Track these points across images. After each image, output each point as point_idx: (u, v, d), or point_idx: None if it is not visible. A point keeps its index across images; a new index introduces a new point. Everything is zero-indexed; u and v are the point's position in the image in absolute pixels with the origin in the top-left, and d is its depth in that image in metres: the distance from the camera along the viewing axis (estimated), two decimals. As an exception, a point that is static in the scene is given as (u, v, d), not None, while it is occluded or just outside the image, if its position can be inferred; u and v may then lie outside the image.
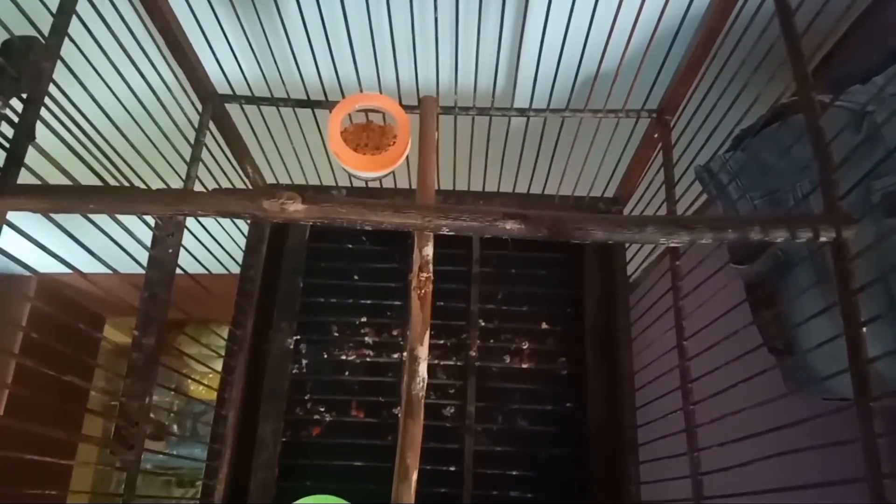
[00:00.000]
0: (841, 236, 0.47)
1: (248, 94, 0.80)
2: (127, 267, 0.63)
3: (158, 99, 0.70)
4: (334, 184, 0.95)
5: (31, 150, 0.51)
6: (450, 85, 0.81)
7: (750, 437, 0.54)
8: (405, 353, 0.58)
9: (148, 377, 0.63)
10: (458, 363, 0.89)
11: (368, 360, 0.90)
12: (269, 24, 0.74)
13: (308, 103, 0.80)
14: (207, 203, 0.48)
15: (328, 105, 0.78)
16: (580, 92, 0.79)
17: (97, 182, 0.61)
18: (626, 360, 0.86)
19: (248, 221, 0.94)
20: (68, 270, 0.56)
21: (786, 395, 0.54)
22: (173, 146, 0.74)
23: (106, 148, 0.64)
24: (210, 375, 1.48)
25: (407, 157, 0.74)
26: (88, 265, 0.58)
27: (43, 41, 0.53)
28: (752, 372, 0.57)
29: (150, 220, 0.66)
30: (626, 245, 0.94)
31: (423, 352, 0.51)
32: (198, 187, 0.75)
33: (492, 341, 0.91)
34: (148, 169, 0.70)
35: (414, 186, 0.66)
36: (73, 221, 0.54)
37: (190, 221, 0.73)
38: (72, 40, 0.56)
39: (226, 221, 0.87)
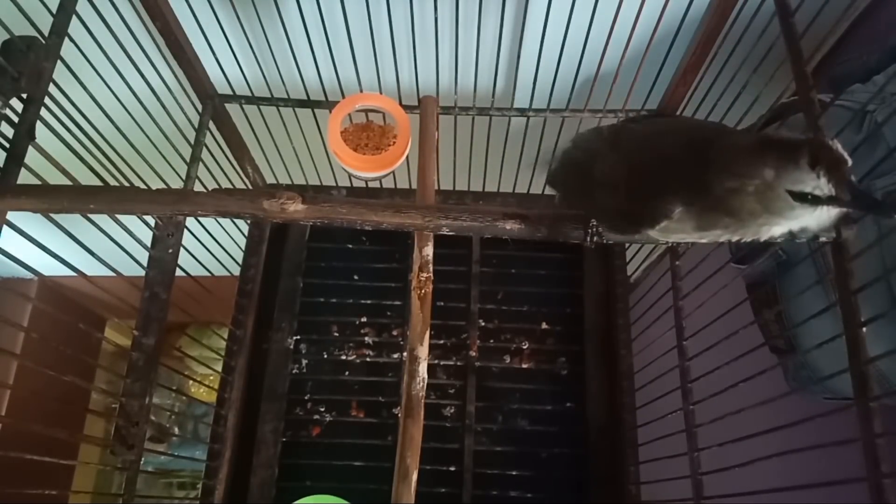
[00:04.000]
0: (840, 236, 0.47)
1: (248, 94, 0.80)
2: (128, 268, 0.63)
3: (158, 99, 0.70)
4: (334, 184, 0.95)
5: (31, 151, 0.51)
6: (450, 85, 0.81)
7: (750, 437, 0.54)
8: (405, 353, 0.58)
9: (148, 377, 0.63)
10: (458, 363, 0.89)
11: (368, 359, 0.90)
12: (269, 24, 0.74)
13: (308, 103, 0.80)
14: (207, 203, 0.48)
15: (328, 105, 0.78)
16: (580, 92, 0.79)
17: (97, 182, 0.61)
18: (625, 360, 0.86)
19: (249, 221, 0.94)
20: (69, 272, 0.56)
21: (786, 394, 0.54)
22: (173, 146, 0.74)
23: (106, 148, 0.64)
24: (211, 377, 1.47)
25: (407, 157, 0.74)
26: (89, 267, 0.58)
27: (43, 41, 0.53)
28: (752, 372, 0.57)
29: (151, 220, 0.67)
30: (626, 245, 0.94)
31: (422, 352, 0.51)
32: (198, 187, 0.75)
33: (492, 341, 0.91)
34: (148, 169, 0.70)
35: (414, 186, 0.66)
36: (73, 222, 0.54)
37: (190, 222, 0.73)
38: (72, 40, 0.56)
39: (226, 222, 0.87)
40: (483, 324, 0.91)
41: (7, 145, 0.50)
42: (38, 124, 0.52)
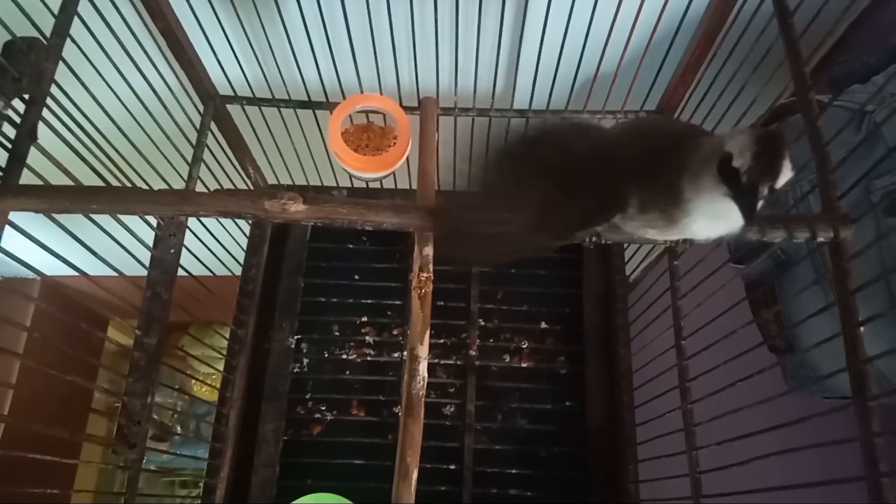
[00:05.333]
0: (839, 236, 0.47)
1: (250, 94, 0.80)
2: (130, 268, 0.63)
3: (160, 99, 0.70)
4: (335, 184, 0.95)
5: (33, 151, 0.51)
6: (450, 86, 0.81)
7: (748, 436, 0.54)
8: (405, 353, 0.58)
9: (150, 376, 0.63)
10: (458, 362, 0.90)
11: (369, 359, 0.90)
12: (269, 25, 0.75)
13: (309, 104, 0.80)
14: (209, 203, 0.49)
15: (329, 106, 0.78)
16: (580, 92, 0.80)
17: (99, 182, 0.62)
18: (624, 359, 0.86)
19: (250, 222, 0.95)
20: (71, 272, 0.56)
21: (784, 393, 0.54)
22: (175, 147, 0.75)
23: (107, 148, 0.64)
24: (213, 376, 1.48)
25: (407, 158, 0.75)
26: (91, 267, 0.58)
27: (45, 42, 0.53)
28: (750, 371, 0.57)
29: (152, 220, 0.67)
30: (625, 245, 0.94)
31: (423, 351, 0.51)
32: (199, 188, 0.76)
33: (491, 340, 0.91)
34: (149, 169, 0.70)
35: (414, 187, 0.66)
36: (75, 222, 0.54)
37: (192, 222, 0.73)
38: (73, 41, 0.56)
39: (227, 222, 0.87)
40: (483, 323, 0.91)
41: (9, 145, 0.50)
42: (40, 125, 0.52)
